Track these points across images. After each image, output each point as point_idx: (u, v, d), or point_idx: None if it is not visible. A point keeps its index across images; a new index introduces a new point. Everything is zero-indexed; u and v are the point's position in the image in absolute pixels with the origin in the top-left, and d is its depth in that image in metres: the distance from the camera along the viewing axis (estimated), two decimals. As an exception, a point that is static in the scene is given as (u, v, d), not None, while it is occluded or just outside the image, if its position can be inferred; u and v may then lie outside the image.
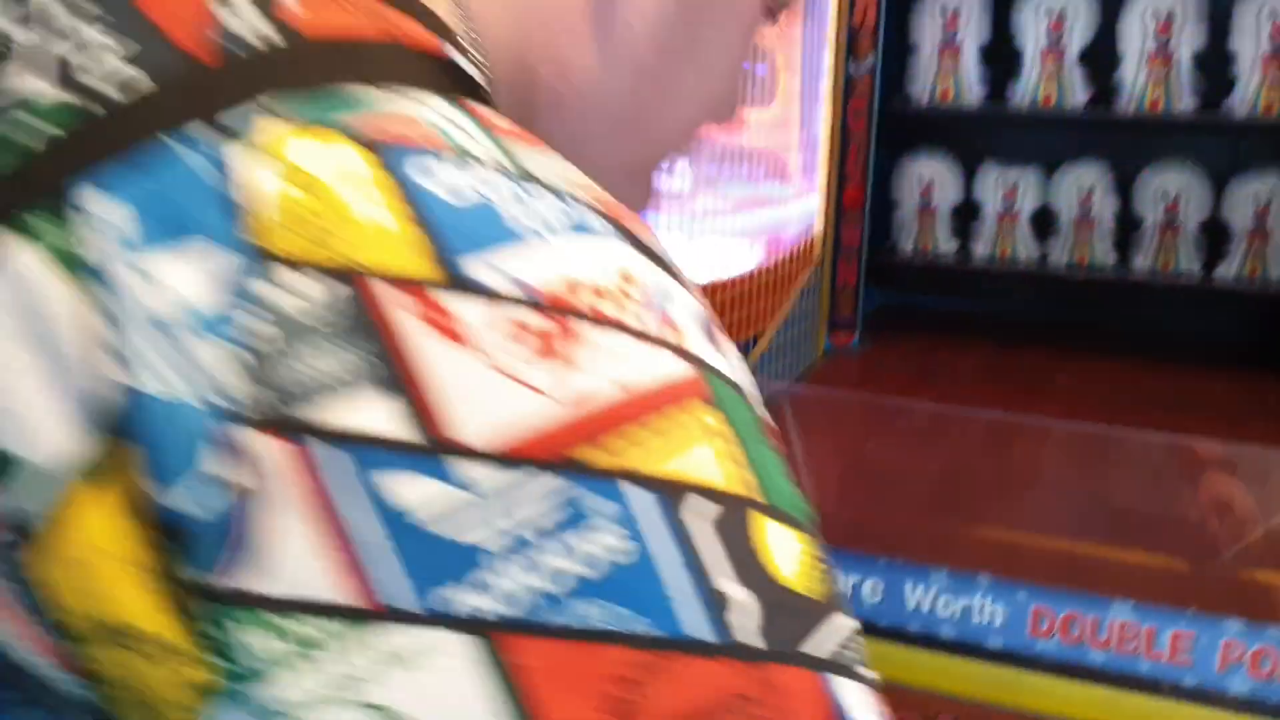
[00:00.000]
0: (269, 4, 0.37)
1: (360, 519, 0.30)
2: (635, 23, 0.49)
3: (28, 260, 0.33)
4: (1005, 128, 3.25)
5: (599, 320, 0.34)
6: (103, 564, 0.31)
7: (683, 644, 0.31)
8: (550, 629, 0.30)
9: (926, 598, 1.53)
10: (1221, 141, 3.07)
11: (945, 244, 3.29)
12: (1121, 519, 2.10)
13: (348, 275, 0.32)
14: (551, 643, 0.30)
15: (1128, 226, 3.14)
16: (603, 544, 0.31)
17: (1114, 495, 2.28)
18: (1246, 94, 2.94)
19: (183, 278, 0.32)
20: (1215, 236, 3.06)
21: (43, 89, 0.35)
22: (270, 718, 0.30)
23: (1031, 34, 3.09)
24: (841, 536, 1.82)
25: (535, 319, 0.33)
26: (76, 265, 0.32)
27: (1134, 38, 3.03)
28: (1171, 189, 3.06)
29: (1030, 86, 3.10)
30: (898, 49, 3.21)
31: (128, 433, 0.31)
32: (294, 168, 0.33)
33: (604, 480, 0.32)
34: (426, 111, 0.36)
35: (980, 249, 3.25)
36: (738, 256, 2.80)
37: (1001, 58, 3.14)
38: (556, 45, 0.48)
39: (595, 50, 0.49)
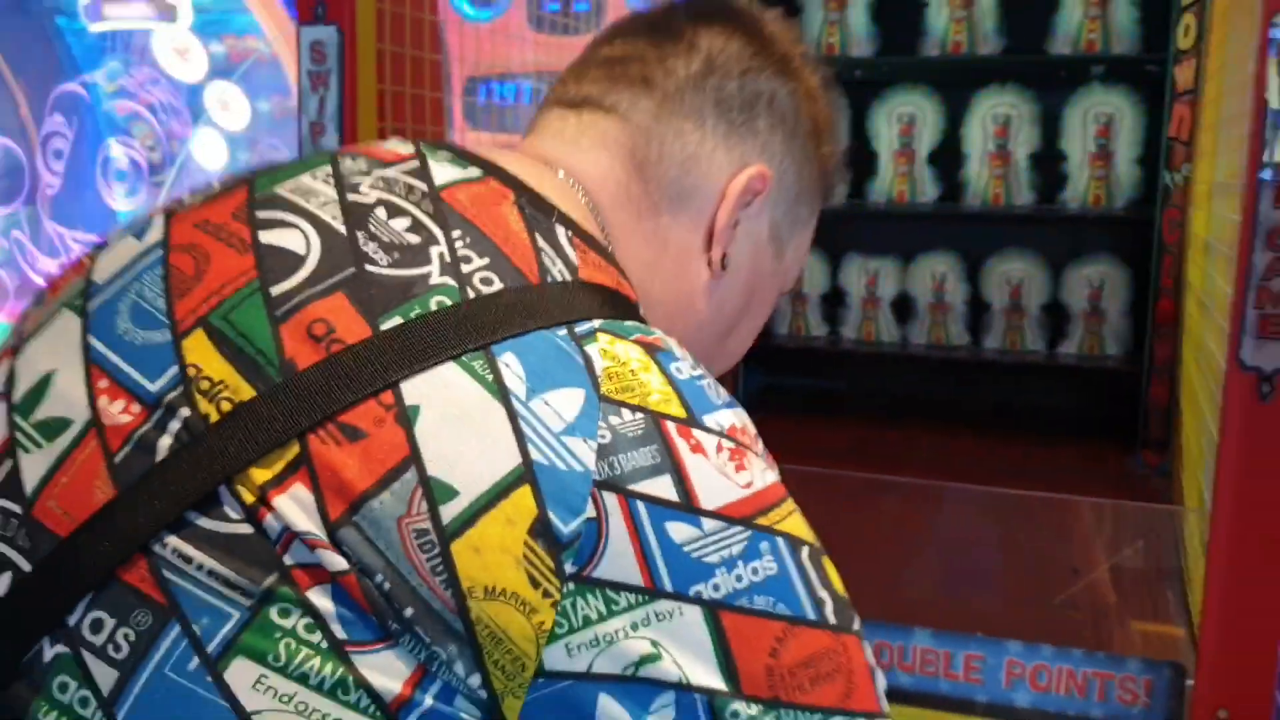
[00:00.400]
0: (570, 254, 0.71)
1: (652, 543, 0.61)
2: (726, 306, 0.91)
3: (462, 379, 0.62)
4: (865, 222, 3.52)
5: (750, 448, 0.68)
6: (504, 552, 0.59)
7: (803, 621, 0.65)
8: (741, 609, 0.63)
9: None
10: (1057, 231, 3.38)
11: (816, 328, 3.55)
12: (966, 564, 2.34)
13: (644, 409, 0.64)
14: (741, 616, 0.63)
15: (978, 310, 3.42)
16: (765, 566, 0.64)
17: (961, 543, 2.53)
18: (1077, 189, 3.26)
19: (562, 404, 0.62)
20: (1056, 317, 3.35)
21: (449, 281, 0.66)
22: (597, 642, 0.60)
23: (885, 138, 3.39)
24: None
25: (730, 445, 0.66)
26: (495, 390, 0.62)
27: (976, 140, 3.35)
28: (1015, 275, 3.35)
29: (886, 185, 3.40)
30: (766, 151, 3.49)
31: (529, 482, 0.60)
32: (613, 355, 0.66)
33: (767, 533, 0.65)
34: (625, 308, 0.72)
35: (847, 332, 3.52)
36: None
37: (859, 160, 3.43)
38: (667, 304, 0.87)
39: (678, 304, 0.88)
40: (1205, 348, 2.28)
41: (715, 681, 0.61)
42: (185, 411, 0.61)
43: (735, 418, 0.67)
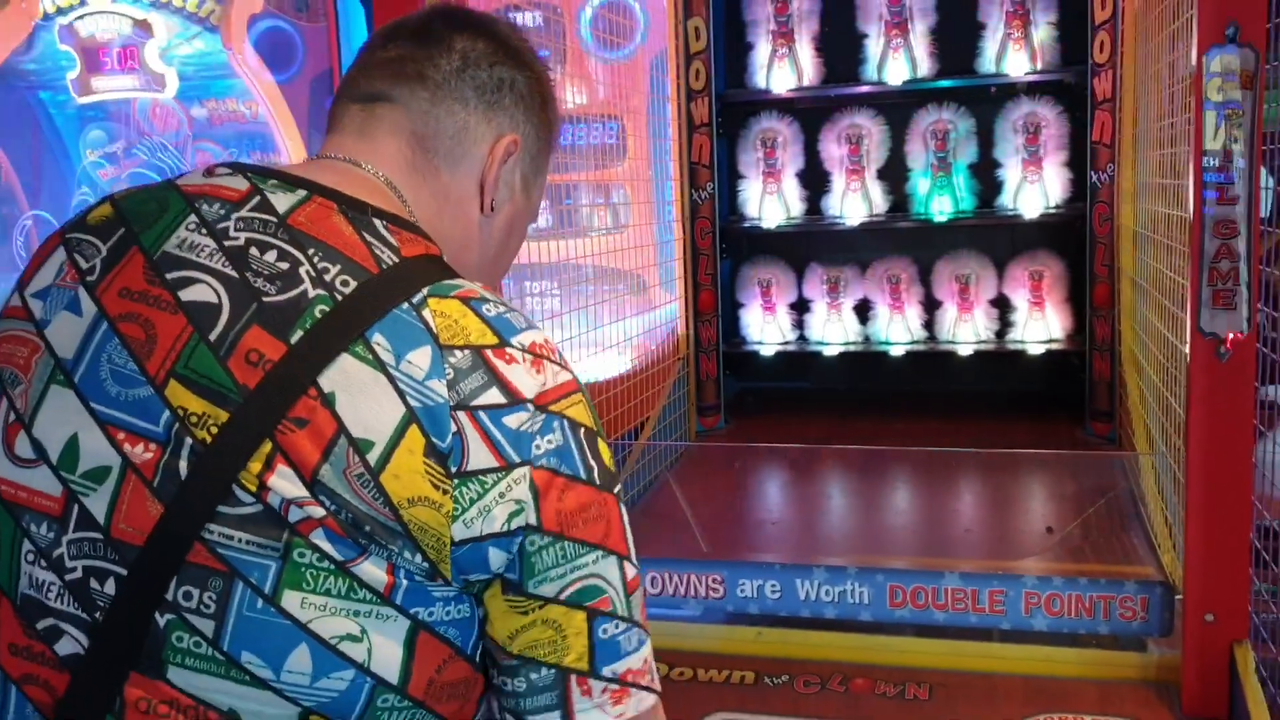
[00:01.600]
0: (392, 240, 0.95)
1: (496, 434, 0.88)
2: (496, 236, 1.15)
3: (355, 365, 0.87)
4: (824, 235, 3.85)
5: (546, 357, 0.93)
6: (413, 473, 0.86)
7: (578, 479, 0.92)
8: (543, 467, 0.89)
9: (812, 589, 2.03)
10: (998, 231, 3.72)
11: (786, 335, 3.86)
12: (956, 519, 2.66)
13: (468, 346, 0.89)
14: (544, 473, 0.89)
15: (931, 307, 3.76)
16: (555, 438, 0.91)
17: (948, 503, 2.86)
18: (1013, 192, 3.61)
19: (419, 360, 0.87)
20: (1003, 309, 3.70)
21: (320, 292, 0.90)
22: (480, 513, 0.86)
23: (837, 158, 3.72)
24: (743, 553, 2.33)
25: (531, 358, 0.92)
26: (376, 364, 0.87)
27: (918, 154, 3.69)
28: (963, 273, 3.68)
29: (840, 200, 3.72)
30: (730, 177, 3.81)
31: (414, 421, 0.86)
32: (441, 312, 0.91)
33: (556, 415, 0.91)
34: (439, 268, 0.97)
35: (814, 336, 3.83)
36: (616, 360, 3.30)
37: (815, 178, 3.75)
38: (453, 244, 1.10)
39: (461, 242, 1.12)
40: (1148, 322, 2.62)
41: (532, 519, 0.89)
42: (189, 440, 0.86)
43: (534, 336, 0.94)
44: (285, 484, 0.84)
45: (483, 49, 1.12)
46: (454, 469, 0.86)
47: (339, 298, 0.90)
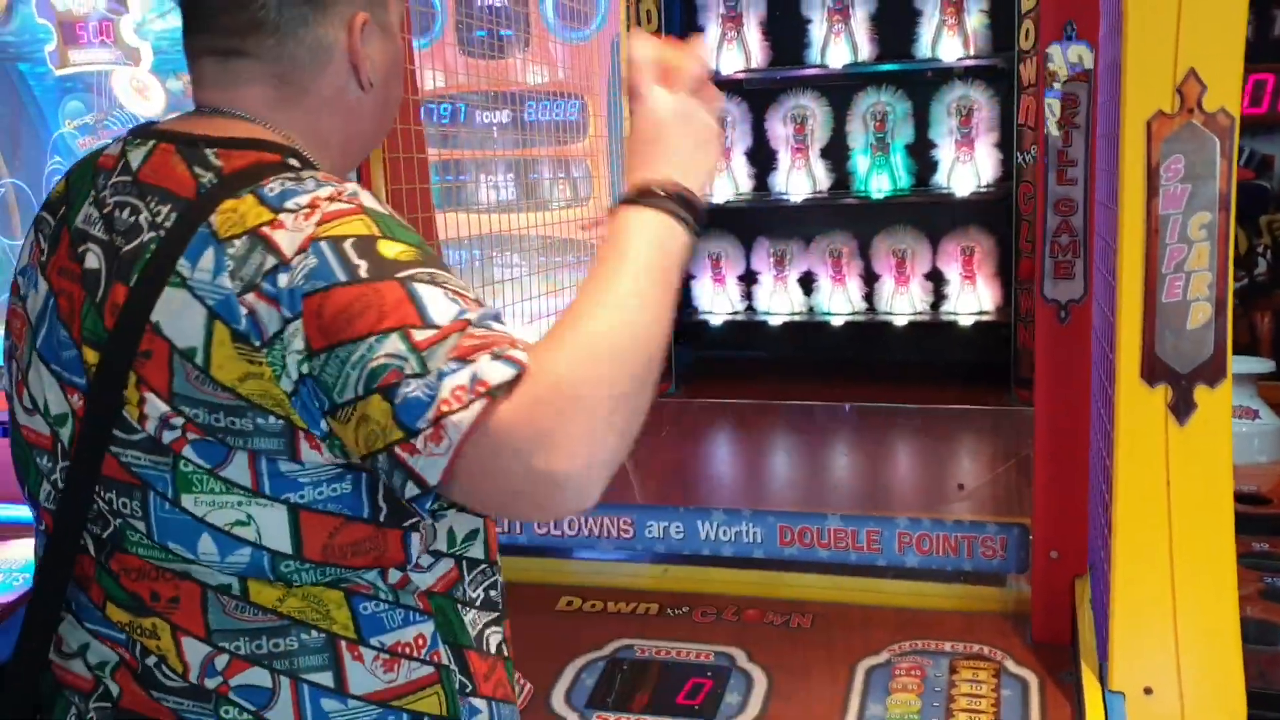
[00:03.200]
0: (217, 163, 1.09)
1: (275, 293, 0.97)
2: (388, 94, 1.22)
3: (171, 292, 1.01)
4: (771, 211, 4.04)
5: (326, 199, 1.01)
6: (230, 359, 0.99)
7: (335, 284, 0.96)
8: (304, 293, 0.96)
9: (712, 530, 2.24)
10: (933, 209, 3.92)
11: (735, 305, 4.06)
12: (877, 473, 2.86)
13: (243, 231, 1.00)
14: (305, 299, 0.96)
15: (871, 280, 3.95)
16: (309, 262, 0.96)
17: (874, 459, 3.06)
18: (947, 171, 3.81)
19: (205, 263, 1.00)
20: (937, 282, 3.89)
21: (153, 235, 1.04)
22: (281, 368, 0.98)
23: (783, 136, 3.91)
24: (655, 498, 2.54)
25: (305, 210, 1.00)
26: (181, 283, 1.00)
27: (859, 135, 3.88)
28: (900, 248, 3.88)
29: (786, 177, 3.91)
30: (681, 154, 3.98)
31: (216, 314, 1.00)
32: (228, 209, 1.01)
33: (316, 241, 0.98)
34: (269, 170, 1.06)
35: (761, 307, 4.03)
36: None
37: (762, 156, 3.95)
38: (337, 135, 1.19)
39: (345, 129, 1.20)
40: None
41: (300, 346, 0.95)
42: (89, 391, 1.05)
43: (319, 192, 1.01)
44: (153, 409, 1.00)
45: None
46: (258, 342, 0.97)
47: (163, 234, 1.03)
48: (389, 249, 0.98)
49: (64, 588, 1.11)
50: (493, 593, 1.18)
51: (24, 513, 2.25)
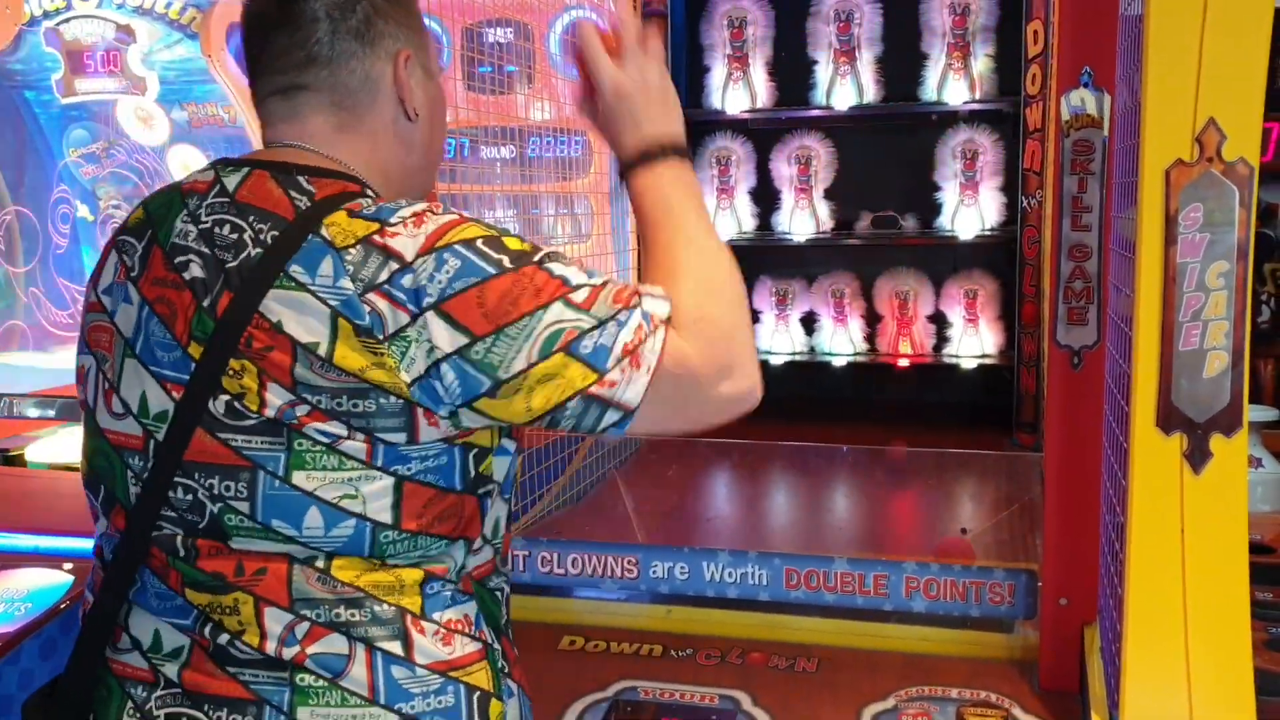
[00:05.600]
0: (310, 188, 1.21)
1: (398, 295, 1.11)
2: (432, 130, 1.37)
3: (285, 294, 1.13)
4: (774, 249, 4.04)
5: (429, 215, 1.15)
6: (354, 351, 1.12)
7: (488, 277, 1.11)
8: (451, 295, 1.11)
9: (717, 571, 2.22)
10: (937, 251, 3.92)
11: (736, 344, 4.04)
12: (881, 516, 2.85)
13: (356, 240, 1.14)
14: (453, 299, 1.11)
15: (873, 321, 3.95)
16: (452, 265, 1.12)
17: (876, 502, 3.05)
18: (951, 214, 3.82)
19: (325, 270, 1.13)
20: (939, 324, 3.90)
21: (259, 251, 1.17)
22: (410, 360, 1.12)
23: (787, 177, 3.92)
24: (659, 538, 2.52)
25: (412, 221, 1.15)
26: (298, 287, 1.13)
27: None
28: (903, 290, 3.88)
29: (790, 216, 3.92)
30: (685, 192, 4.00)
31: (339, 313, 1.12)
32: (335, 224, 1.15)
33: (446, 248, 1.13)
34: (355, 196, 1.21)
35: (762, 345, 4.02)
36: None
37: (766, 196, 3.95)
38: (395, 165, 1.35)
39: (402, 160, 1.35)
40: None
41: (459, 341, 1.10)
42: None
43: (416, 207, 1.16)
44: (275, 397, 1.11)
45: (333, 1, 1.29)
46: (381, 336, 1.10)
47: (267, 246, 1.15)
48: (513, 243, 1.14)
49: (134, 575, 1.20)
50: (504, 590, 1.32)
51: (26, 542, 2.25)
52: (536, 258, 1.13)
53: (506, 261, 1.12)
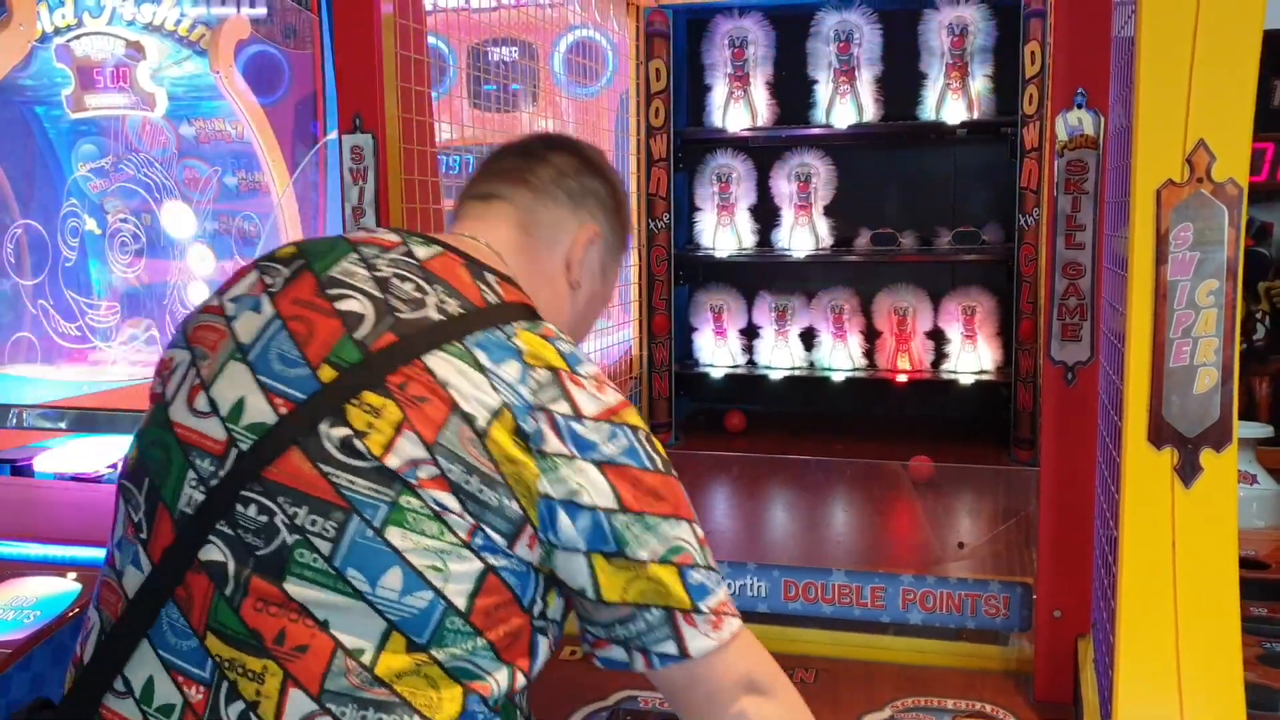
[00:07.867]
0: (498, 289, 1.27)
1: (564, 432, 1.18)
2: (579, 305, 1.51)
3: (458, 362, 1.17)
4: (774, 265, 4.08)
5: (604, 383, 1.24)
6: (507, 443, 1.17)
7: (646, 469, 1.22)
8: (614, 464, 1.19)
9: (716, 582, 2.25)
10: (935, 268, 3.95)
11: (736, 358, 4.08)
12: (878, 529, 2.87)
13: (548, 367, 1.19)
14: (616, 468, 1.19)
15: (872, 336, 3.98)
16: (621, 441, 1.21)
17: (874, 515, 3.07)
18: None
19: (510, 371, 1.18)
20: (938, 340, 3.92)
21: (439, 316, 1.21)
22: (556, 477, 1.17)
23: (787, 194, 3.95)
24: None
25: (594, 381, 1.24)
26: (474, 365, 1.17)
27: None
28: (902, 306, 3.91)
29: (789, 233, 3.95)
30: (687, 209, 4.04)
31: (508, 408, 1.15)
32: (528, 339, 1.22)
33: (620, 424, 1.22)
34: (533, 313, 1.28)
35: (762, 360, 4.05)
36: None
37: (766, 213, 3.99)
38: (547, 307, 1.42)
39: (555, 306, 1.46)
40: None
41: (608, 501, 1.16)
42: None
43: (594, 369, 1.23)
44: (409, 446, 1.12)
45: (572, 163, 1.48)
46: (534, 447, 1.15)
47: (449, 317, 1.21)
48: (659, 446, 1.24)
49: (166, 600, 1.14)
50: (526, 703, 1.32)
51: (33, 550, 2.28)
52: (674, 472, 1.24)
53: (659, 464, 1.21)
